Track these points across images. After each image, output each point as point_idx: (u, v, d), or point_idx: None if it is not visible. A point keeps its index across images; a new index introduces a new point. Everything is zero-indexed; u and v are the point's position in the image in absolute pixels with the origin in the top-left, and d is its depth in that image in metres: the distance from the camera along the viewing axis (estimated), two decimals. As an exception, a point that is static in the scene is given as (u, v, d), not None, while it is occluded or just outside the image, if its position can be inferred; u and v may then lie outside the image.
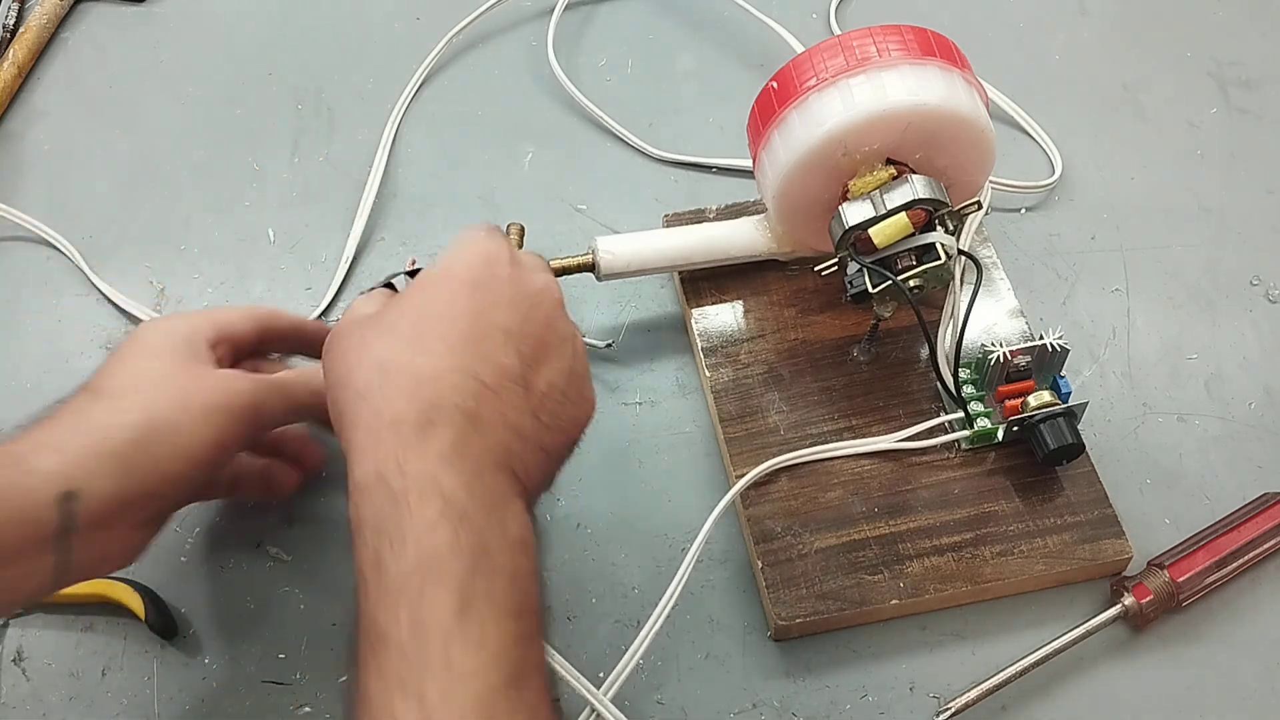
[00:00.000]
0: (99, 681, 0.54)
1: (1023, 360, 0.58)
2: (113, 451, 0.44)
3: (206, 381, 0.47)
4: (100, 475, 0.43)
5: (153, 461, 0.45)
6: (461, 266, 0.45)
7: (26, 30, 0.80)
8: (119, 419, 0.44)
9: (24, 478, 0.42)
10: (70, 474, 0.42)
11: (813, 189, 0.58)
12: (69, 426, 0.44)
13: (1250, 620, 0.56)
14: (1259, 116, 0.76)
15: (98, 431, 0.44)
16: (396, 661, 0.37)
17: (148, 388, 0.46)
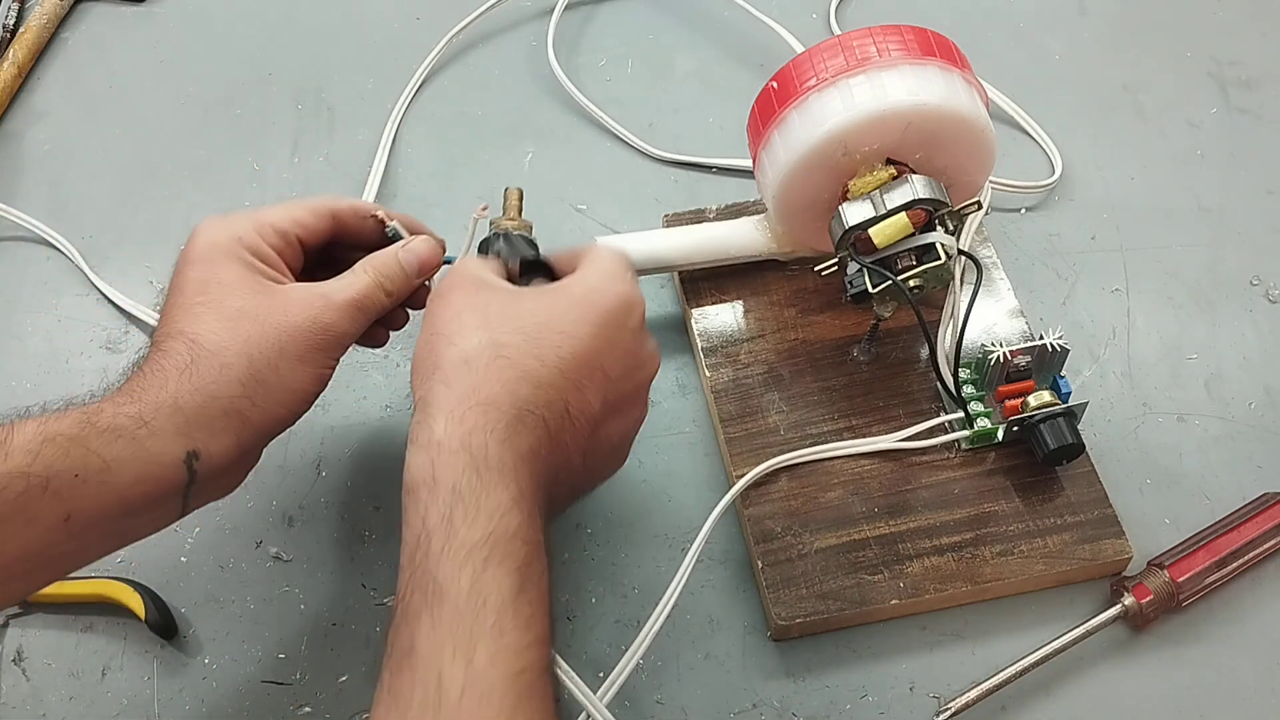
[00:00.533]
0: (99, 681, 0.54)
1: (1023, 360, 0.58)
2: (227, 410, 0.45)
3: (298, 319, 0.48)
4: (220, 432, 0.45)
5: (264, 411, 0.47)
6: (605, 300, 0.47)
7: (26, 30, 0.80)
8: (227, 375, 0.45)
9: (151, 440, 0.43)
10: (191, 434, 0.44)
11: (813, 189, 0.58)
12: (181, 385, 0.45)
13: (1250, 620, 0.56)
14: (1259, 116, 0.76)
15: (209, 389, 0.45)
16: (451, 619, 0.38)
17: (244, 335, 0.46)
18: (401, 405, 0.63)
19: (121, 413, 0.43)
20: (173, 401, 0.44)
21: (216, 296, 0.47)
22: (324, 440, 0.62)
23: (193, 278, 0.48)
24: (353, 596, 0.57)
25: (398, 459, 0.60)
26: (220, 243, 0.49)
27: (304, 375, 0.48)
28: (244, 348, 0.46)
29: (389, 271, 0.52)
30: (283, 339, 0.47)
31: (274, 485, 0.60)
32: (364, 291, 0.51)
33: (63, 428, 0.42)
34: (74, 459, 0.41)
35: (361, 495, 0.60)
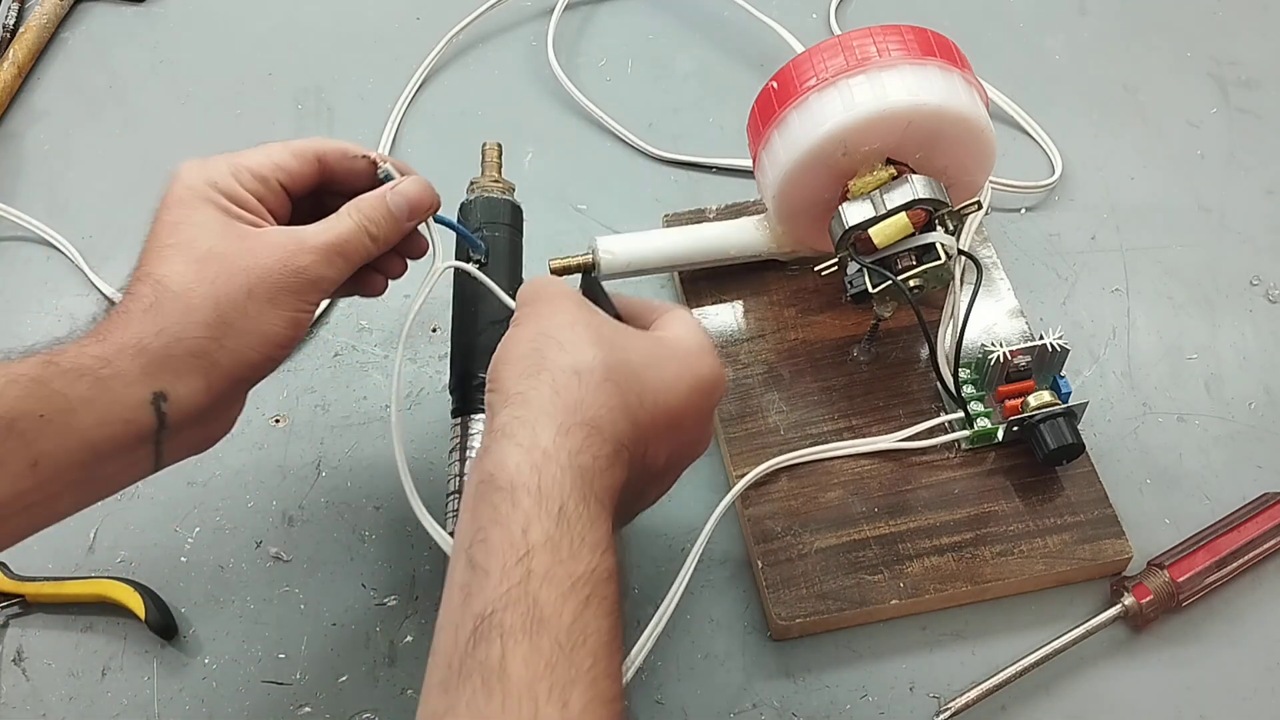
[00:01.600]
0: (99, 681, 0.54)
1: (1023, 360, 0.58)
2: (192, 351, 0.44)
3: (267, 261, 0.46)
4: (186, 374, 0.44)
5: (232, 354, 0.45)
6: (707, 369, 0.46)
7: (26, 30, 0.80)
8: (191, 317, 0.44)
9: (115, 380, 0.42)
10: (158, 376, 0.43)
11: (813, 189, 0.58)
12: (145, 326, 0.44)
13: (1250, 620, 0.56)
14: (1259, 116, 0.76)
15: (173, 330, 0.44)
16: (551, 652, 0.37)
17: (210, 276, 0.45)
18: (401, 405, 0.63)
19: (85, 353, 0.42)
20: (136, 342, 0.43)
21: (187, 238, 0.46)
22: (324, 440, 0.62)
23: (166, 220, 0.47)
24: (353, 596, 0.57)
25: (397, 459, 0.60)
26: (195, 186, 0.47)
27: (274, 318, 0.46)
28: (210, 289, 0.45)
29: (375, 215, 0.50)
30: (251, 280, 0.45)
31: (274, 485, 0.60)
32: (345, 234, 0.48)
33: (25, 369, 0.41)
34: (37, 399, 0.41)
35: (361, 495, 0.60)
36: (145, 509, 0.59)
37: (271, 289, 0.46)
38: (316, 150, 0.51)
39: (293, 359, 0.65)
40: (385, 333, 0.66)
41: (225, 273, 0.45)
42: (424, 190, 0.51)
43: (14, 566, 0.56)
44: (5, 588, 0.55)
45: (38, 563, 0.57)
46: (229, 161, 0.49)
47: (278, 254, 0.46)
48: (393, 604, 0.56)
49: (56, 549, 0.58)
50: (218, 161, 0.49)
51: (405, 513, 0.58)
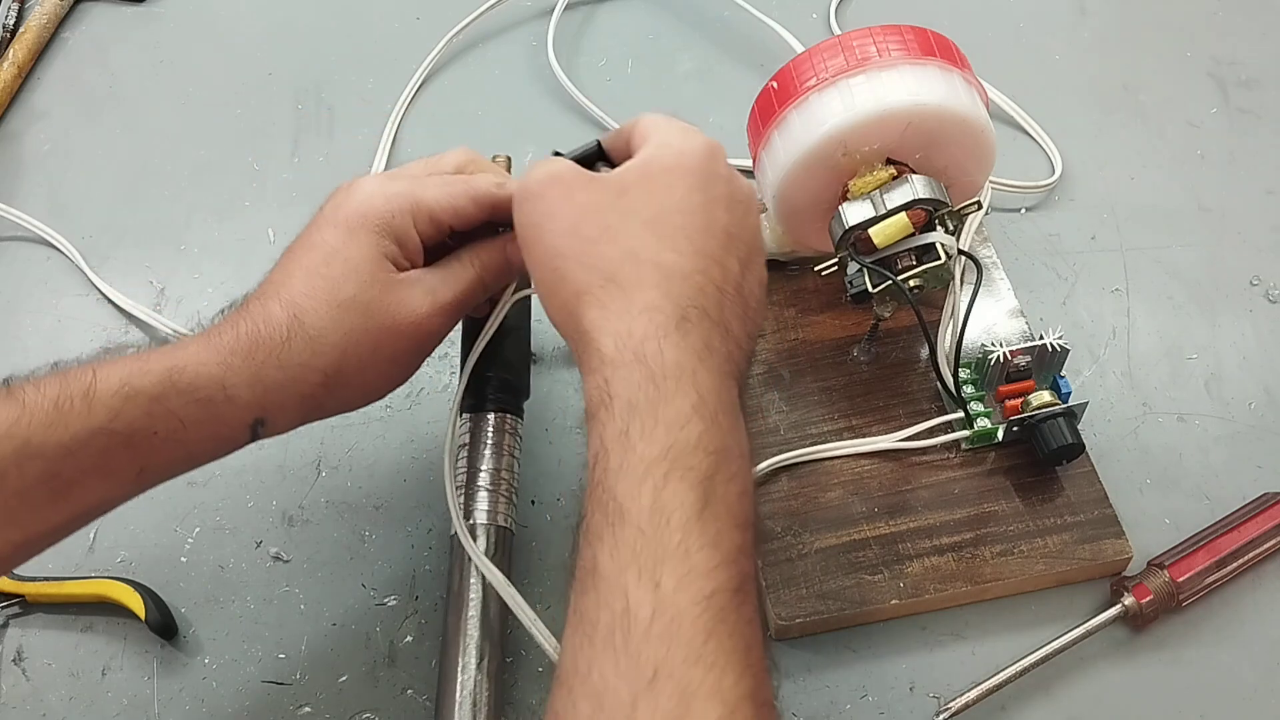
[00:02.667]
0: (99, 681, 0.54)
1: (1023, 360, 0.58)
2: (304, 394, 0.45)
3: (401, 320, 0.47)
4: (289, 410, 0.46)
5: (338, 401, 0.47)
6: (690, 158, 0.45)
7: (26, 30, 0.80)
8: (315, 362, 0.45)
9: (225, 406, 0.44)
10: (265, 406, 0.45)
11: (813, 189, 0.58)
12: (269, 359, 0.44)
13: (1250, 620, 0.56)
14: (1259, 116, 0.76)
15: (293, 370, 0.45)
16: (634, 539, 0.37)
17: (345, 327, 0.45)
18: (401, 405, 0.63)
19: (204, 373, 0.43)
20: (256, 372, 0.44)
21: (337, 274, 0.46)
22: (324, 440, 0.62)
23: (326, 241, 0.47)
24: (353, 596, 0.57)
25: (398, 459, 0.60)
26: (370, 216, 0.47)
27: (391, 375, 0.48)
28: (342, 340, 0.45)
29: (493, 266, 0.50)
30: (380, 340, 0.46)
31: (274, 485, 0.60)
32: (468, 288, 0.49)
33: (146, 385, 0.42)
34: (154, 419, 0.42)
35: (361, 495, 0.60)
36: (145, 509, 0.59)
37: (397, 349, 0.47)
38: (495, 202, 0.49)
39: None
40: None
41: (360, 327, 0.46)
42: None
43: (14, 566, 0.56)
44: (5, 588, 0.55)
45: (38, 562, 0.57)
46: (412, 198, 0.48)
47: (412, 314, 0.47)
48: (393, 604, 0.56)
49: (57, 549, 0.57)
50: (401, 194, 0.48)
51: (405, 513, 0.59)
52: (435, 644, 0.55)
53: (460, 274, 0.49)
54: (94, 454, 0.41)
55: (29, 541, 0.42)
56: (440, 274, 0.49)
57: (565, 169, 0.46)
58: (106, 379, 0.42)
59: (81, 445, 0.41)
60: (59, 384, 0.41)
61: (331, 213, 0.48)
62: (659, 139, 0.46)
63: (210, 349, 0.44)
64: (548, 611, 0.50)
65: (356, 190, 0.48)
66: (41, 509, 0.41)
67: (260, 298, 0.46)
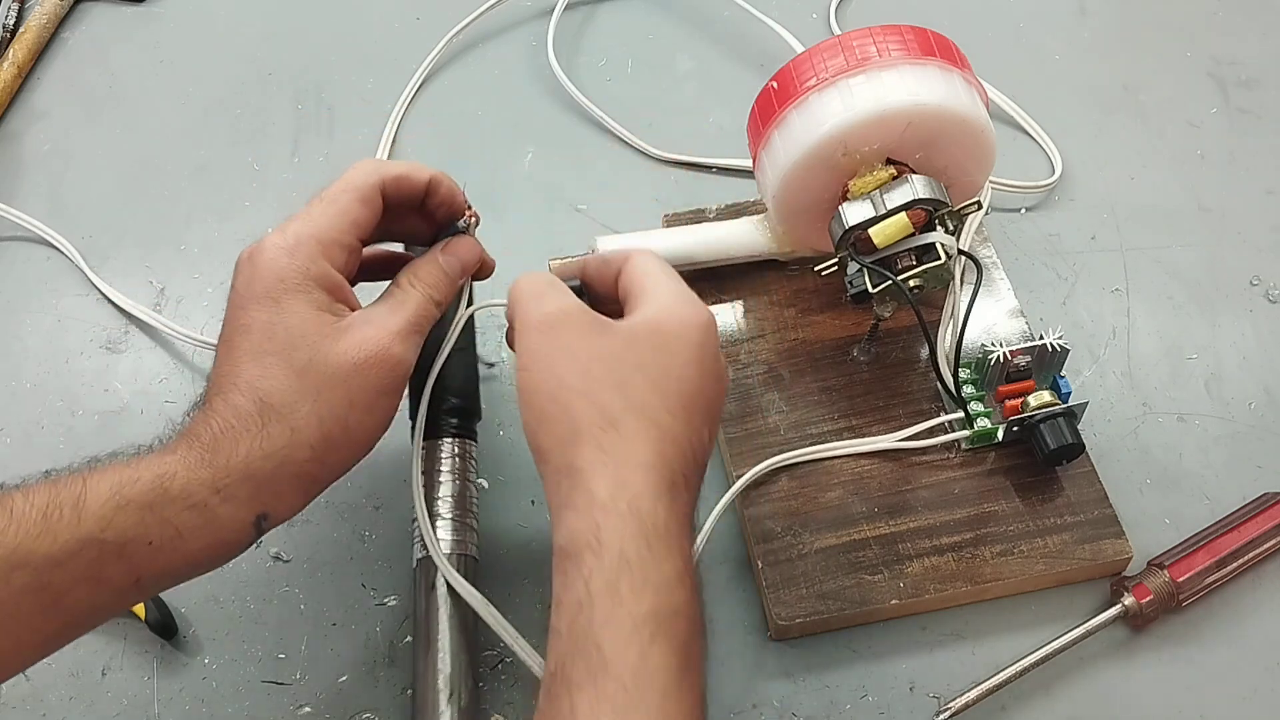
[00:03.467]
0: (99, 681, 0.54)
1: (1023, 360, 0.58)
2: (298, 474, 0.45)
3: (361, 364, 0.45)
4: (289, 495, 0.45)
5: (332, 469, 0.46)
6: (695, 331, 0.46)
7: (26, 30, 0.80)
8: (298, 439, 0.44)
9: (223, 507, 0.43)
10: (263, 499, 0.44)
11: (813, 189, 0.58)
12: (253, 450, 0.44)
13: (1250, 620, 0.56)
14: (1259, 116, 0.76)
15: (280, 454, 0.44)
16: (617, 693, 0.37)
17: (313, 392, 0.45)
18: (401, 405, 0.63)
19: (195, 479, 0.42)
20: (244, 468, 0.43)
21: (283, 343, 0.45)
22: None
23: (259, 321, 0.45)
24: (353, 596, 0.57)
25: (397, 459, 0.60)
26: (288, 279, 0.46)
27: (371, 424, 0.47)
28: (313, 408, 0.44)
29: (434, 281, 0.50)
30: (352, 392, 0.45)
31: (274, 485, 0.60)
32: (418, 311, 0.48)
33: (136, 494, 0.41)
34: (148, 527, 0.41)
35: (361, 495, 0.60)
36: (145, 509, 0.59)
37: (370, 396, 0.46)
38: (382, 184, 0.49)
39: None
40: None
41: (327, 386, 0.45)
42: (473, 250, 0.52)
43: (14, 566, 0.56)
44: (5, 588, 0.55)
45: (38, 563, 0.57)
46: (315, 238, 0.47)
47: (371, 352, 0.46)
48: (393, 604, 0.56)
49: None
50: (301, 241, 0.47)
51: (405, 512, 0.59)
52: (435, 644, 0.55)
53: (403, 297, 0.49)
54: (84, 564, 0.40)
55: (20, 652, 0.41)
56: (384, 304, 0.48)
57: (577, 309, 0.46)
58: (97, 487, 0.41)
59: (71, 555, 0.40)
60: (48, 492, 0.40)
61: (247, 290, 0.46)
62: (662, 301, 0.46)
63: (194, 452, 0.43)
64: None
65: (260, 258, 0.47)
66: (31, 619, 0.40)
67: (220, 393, 0.45)
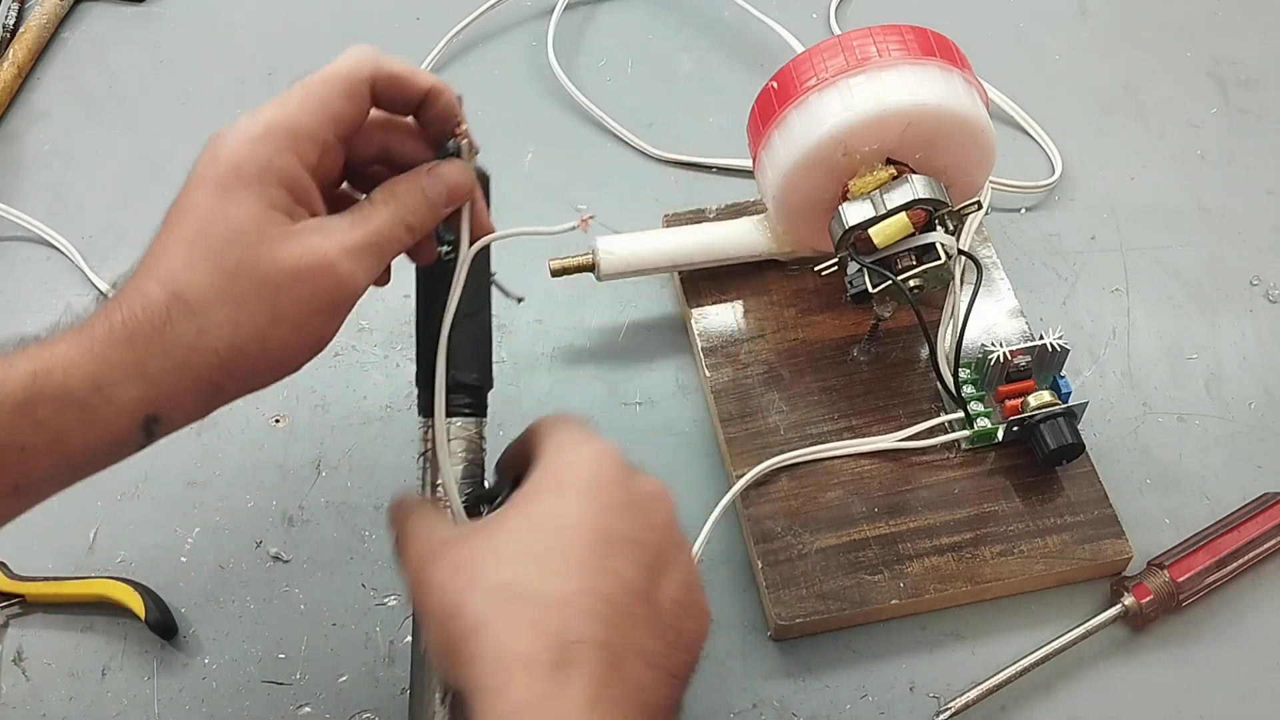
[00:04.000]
0: (99, 681, 0.54)
1: (1023, 360, 0.58)
2: (198, 380, 0.39)
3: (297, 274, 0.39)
4: (185, 401, 0.40)
5: (240, 383, 0.41)
6: (571, 471, 0.40)
7: (26, 30, 0.80)
8: (204, 342, 0.38)
9: (106, 408, 0.38)
10: (155, 401, 0.39)
11: (813, 189, 0.58)
12: (150, 349, 0.38)
13: (1250, 620, 0.56)
14: (1259, 116, 0.76)
15: (181, 355, 0.38)
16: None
17: (236, 297, 0.39)
18: (401, 405, 0.63)
19: (76, 373, 0.37)
20: (138, 367, 0.38)
21: (220, 239, 0.39)
22: (324, 440, 0.62)
23: (203, 207, 0.40)
24: (353, 596, 0.57)
25: (398, 459, 0.60)
26: (245, 168, 0.40)
27: (295, 344, 0.40)
28: (230, 312, 0.39)
29: (412, 202, 0.43)
30: (279, 304, 0.39)
31: (274, 485, 0.60)
32: (381, 230, 0.41)
33: (11, 389, 0.37)
34: (20, 431, 0.37)
35: (361, 495, 0.60)
36: (145, 509, 0.59)
37: (300, 311, 0.40)
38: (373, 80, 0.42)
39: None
40: (385, 333, 0.66)
41: (254, 292, 0.39)
42: (464, 175, 0.45)
43: (14, 566, 0.56)
44: (5, 588, 0.55)
45: (38, 563, 0.57)
46: (286, 129, 0.41)
47: (311, 262, 0.40)
48: (393, 604, 0.56)
49: (56, 549, 0.58)
50: (272, 130, 0.41)
51: (405, 513, 0.59)
52: (435, 644, 0.55)
53: (369, 212, 0.42)
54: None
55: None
56: (345, 216, 0.42)
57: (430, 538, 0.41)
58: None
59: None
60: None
61: (204, 169, 0.40)
62: (545, 457, 0.42)
63: (82, 345, 0.38)
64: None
65: (223, 141, 0.41)
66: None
67: (135, 279, 0.39)
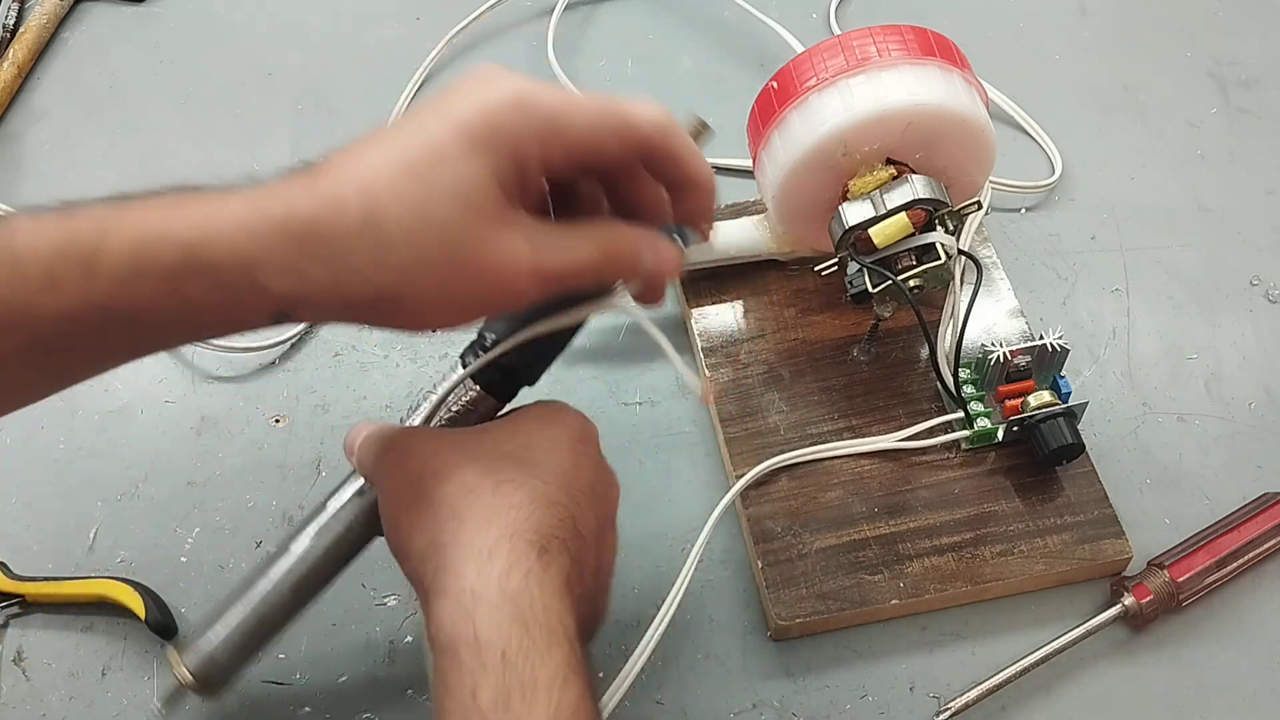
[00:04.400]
0: (99, 681, 0.54)
1: (1023, 360, 0.58)
2: (345, 303, 0.38)
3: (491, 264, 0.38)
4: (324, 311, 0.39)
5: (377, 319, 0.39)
6: (570, 420, 0.43)
7: (26, 30, 0.80)
8: (372, 275, 0.37)
9: (249, 294, 0.36)
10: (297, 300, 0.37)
11: (813, 189, 0.58)
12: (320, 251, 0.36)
13: (1250, 620, 0.56)
14: (1259, 116, 0.76)
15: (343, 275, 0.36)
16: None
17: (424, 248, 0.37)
18: (402, 405, 0.63)
19: (234, 253, 0.35)
20: (297, 265, 0.36)
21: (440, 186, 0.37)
22: (324, 440, 0.62)
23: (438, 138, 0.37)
24: (353, 596, 0.57)
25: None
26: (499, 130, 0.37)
27: (448, 319, 0.40)
28: (411, 263, 0.37)
29: (621, 260, 0.41)
30: (457, 280, 0.38)
31: (274, 485, 0.60)
32: (582, 267, 0.40)
33: (162, 259, 0.35)
34: (163, 300, 0.35)
35: (361, 495, 0.60)
36: (145, 509, 0.59)
37: (470, 298, 0.39)
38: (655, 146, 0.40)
39: (292, 359, 0.65)
40: (385, 332, 0.66)
41: (441, 257, 0.37)
42: (679, 263, 0.43)
43: (14, 566, 0.56)
44: (5, 588, 0.55)
45: (38, 563, 0.57)
46: (554, 123, 0.38)
47: (506, 266, 0.38)
48: (393, 604, 0.56)
49: (56, 549, 0.58)
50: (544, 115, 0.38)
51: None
52: (435, 644, 0.55)
53: (579, 246, 0.40)
54: (87, 330, 0.35)
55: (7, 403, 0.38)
56: (557, 234, 0.40)
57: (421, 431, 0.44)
58: (117, 246, 0.34)
59: (73, 320, 0.34)
60: (61, 241, 0.34)
61: (458, 103, 0.38)
62: (530, 406, 0.45)
63: (249, 222, 0.36)
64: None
65: (496, 88, 0.38)
66: (23, 375, 0.36)
67: (334, 173, 0.37)
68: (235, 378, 0.65)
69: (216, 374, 0.65)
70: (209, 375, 0.65)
